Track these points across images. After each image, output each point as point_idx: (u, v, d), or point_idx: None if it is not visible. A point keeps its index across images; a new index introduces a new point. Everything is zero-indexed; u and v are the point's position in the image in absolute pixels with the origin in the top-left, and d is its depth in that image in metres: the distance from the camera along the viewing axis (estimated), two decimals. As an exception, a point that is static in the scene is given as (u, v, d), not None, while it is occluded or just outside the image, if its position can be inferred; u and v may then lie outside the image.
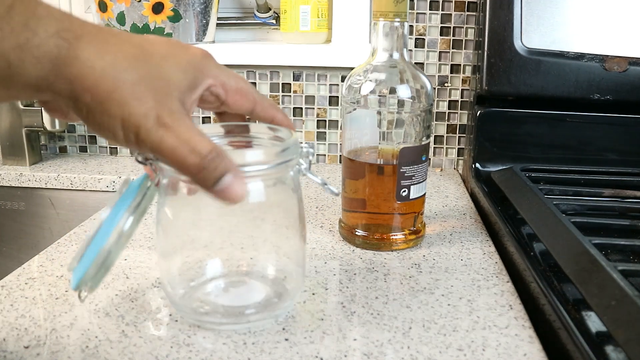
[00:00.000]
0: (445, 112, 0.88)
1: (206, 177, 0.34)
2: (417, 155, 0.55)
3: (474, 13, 0.84)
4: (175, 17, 0.83)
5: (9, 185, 0.86)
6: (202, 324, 0.42)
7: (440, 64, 0.87)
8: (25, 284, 0.49)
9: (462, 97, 0.87)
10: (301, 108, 0.90)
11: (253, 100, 0.42)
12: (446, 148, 0.90)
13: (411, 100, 0.55)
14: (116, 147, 0.96)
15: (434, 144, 0.90)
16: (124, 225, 0.38)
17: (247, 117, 0.44)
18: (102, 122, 0.33)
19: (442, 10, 0.85)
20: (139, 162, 0.40)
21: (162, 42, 0.36)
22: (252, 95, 0.42)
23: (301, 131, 0.91)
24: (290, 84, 0.89)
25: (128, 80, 0.33)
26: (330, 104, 0.89)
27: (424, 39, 0.86)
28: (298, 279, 0.45)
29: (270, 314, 0.43)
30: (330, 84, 0.89)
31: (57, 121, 0.86)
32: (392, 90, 0.55)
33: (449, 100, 0.88)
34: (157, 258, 0.44)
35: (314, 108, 0.90)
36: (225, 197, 0.35)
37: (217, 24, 0.90)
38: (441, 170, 0.90)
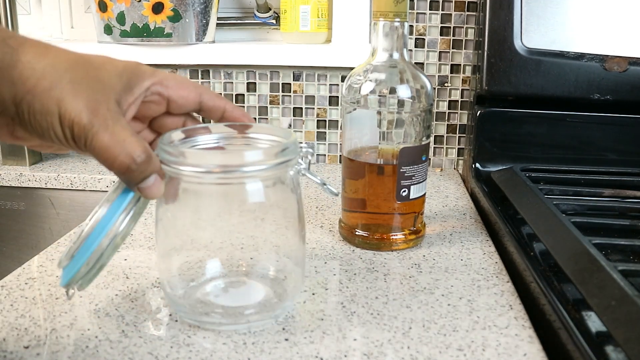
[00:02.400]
0: (445, 112, 0.88)
1: (132, 178, 0.37)
2: (417, 155, 0.55)
3: (474, 13, 0.84)
4: (175, 17, 0.83)
5: (9, 185, 0.86)
6: (201, 325, 0.42)
7: (440, 64, 0.87)
8: (25, 284, 0.49)
9: (462, 97, 0.88)
10: (301, 108, 0.90)
11: (197, 91, 0.42)
12: (446, 148, 0.90)
13: (411, 100, 0.55)
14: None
15: (434, 144, 0.90)
16: (119, 225, 0.38)
17: (197, 113, 0.44)
18: (42, 121, 0.34)
19: (442, 10, 0.85)
20: None
21: (98, 55, 0.39)
22: (195, 87, 0.42)
23: (301, 131, 0.91)
24: (290, 84, 0.89)
25: (66, 79, 0.35)
26: (330, 104, 0.89)
27: (424, 39, 0.86)
28: (297, 279, 0.45)
29: (270, 314, 0.43)
30: (330, 84, 0.89)
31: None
32: (392, 90, 0.55)
33: (449, 100, 0.88)
34: (157, 258, 0.44)
35: (314, 108, 0.90)
36: (143, 194, 0.38)
37: (217, 24, 0.90)
38: (441, 170, 0.90)
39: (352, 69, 0.61)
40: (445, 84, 0.87)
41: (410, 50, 0.86)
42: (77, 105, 0.34)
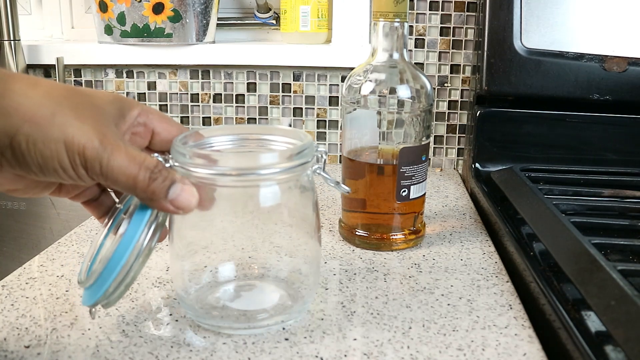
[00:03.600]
0: (445, 112, 0.88)
1: (157, 189, 0.35)
2: (417, 155, 0.55)
3: (474, 13, 0.84)
4: (176, 18, 0.83)
5: (9, 185, 0.86)
6: (214, 329, 0.42)
7: (440, 64, 0.87)
8: (26, 283, 0.49)
9: (462, 97, 0.88)
10: (301, 108, 0.90)
11: (179, 127, 0.42)
12: (446, 148, 0.90)
13: (411, 101, 0.55)
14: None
15: (434, 144, 0.90)
16: (144, 240, 0.37)
17: None
18: (45, 151, 0.33)
19: (442, 11, 0.85)
20: None
21: (83, 87, 0.37)
22: (177, 123, 0.42)
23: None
24: (290, 84, 0.89)
25: (66, 105, 0.33)
26: (330, 104, 0.90)
27: (423, 39, 0.86)
28: (313, 282, 0.45)
29: (284, 317, 0.42)
30: (330, 84, 0.89)
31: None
32: (392, 91, 0.55)
33: (449, 100, 0.88)
34: (170, 261, 0.44)
35: (314, 108, 0.90)
36: (178, 206, 0.36)
37: (218, 25, 0.90)
38: (441, 170, 0.90)
39: (352, 69, 0.61)
40: (445, 84, 0.87)
41: (410, 50, 0.86)
42: (85, 129, 0.33)
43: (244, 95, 0.90)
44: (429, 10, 0.85)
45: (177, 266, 0.44)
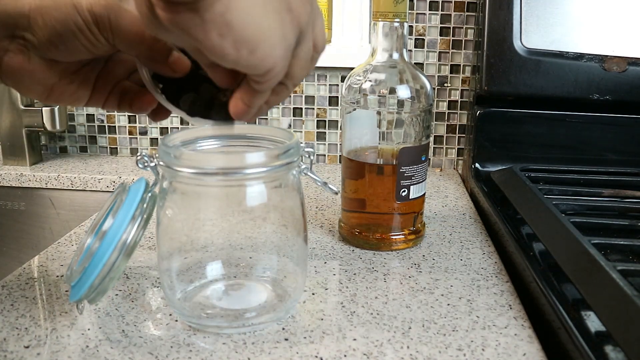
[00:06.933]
0: (445, 112, 0.89)
1: (163, 48, 0.37)
2: (416, 155, 0.55)
3: (474, 13, 0.84)
4: (175, 18, 0.83)
5: (9, 185, 0.87)
6: (202, 328, 0.42)
7: (439, 64, 0.87)
8: (26, 283, 0.49)
9: (461, 97, 0.88)
10: (301, 108, 0.90)
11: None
12: (446, 148, 0.90)
13: (411, 101, 0.55)
14: (116, 147, 0.96)
15: (434, 144, 0.90)
16: (128, 236, 0.38)
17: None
18: (59, 16, 0.35)
19: (441, 11, 0.85)
20: (141, 167, 0.41)
21: None
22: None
23: (301, 131, 0.91)
24: (290, 84, 0.89)
25: None
26: (330, 104, 0.90)
27: (423, 39, 0.86)
28: (300, 281, 0.45)
29: (271, 316, 0.43)
30: (330, 84, 0.89)
31: (57, 121, 0.86)
32: (392, 91, 0.55)
33: (449, 101, 0.88)
34: (158, 260, 0.44)
35: (313, 108, 0.90)
36: (175, 69, 0.38)
37: (217, 24, 0.90)
38: (441, 170, 0.90)
39: (352, 69, 0.61)
40: (445, 84, 0.87)
41: (410, 50, 0.86)
42: None
43: (243, 95, 0.90)
44: (429, 10, 0.85)
45: (165, 266, 0.44)
